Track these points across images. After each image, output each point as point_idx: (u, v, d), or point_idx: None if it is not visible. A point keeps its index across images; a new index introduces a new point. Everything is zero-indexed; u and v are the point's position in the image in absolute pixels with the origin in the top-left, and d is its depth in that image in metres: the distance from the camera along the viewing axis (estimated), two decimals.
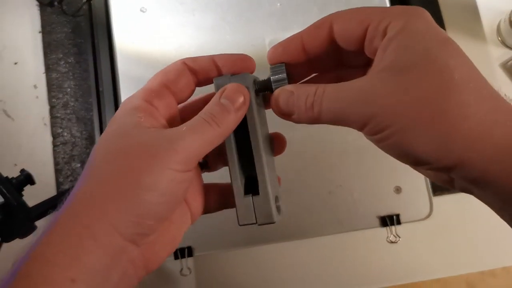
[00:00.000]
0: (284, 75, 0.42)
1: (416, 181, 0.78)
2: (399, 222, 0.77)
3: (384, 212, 0.77)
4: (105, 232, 0.34)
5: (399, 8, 0.38)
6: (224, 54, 0.44)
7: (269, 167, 0.43)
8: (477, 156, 0.33)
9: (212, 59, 0.44)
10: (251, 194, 0.43)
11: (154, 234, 0.38)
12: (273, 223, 0.43)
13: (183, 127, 0.38)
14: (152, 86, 0.42)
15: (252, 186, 0.43)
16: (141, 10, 0.84)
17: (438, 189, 0.85)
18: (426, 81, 0.34)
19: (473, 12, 0.94)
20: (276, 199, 0.44)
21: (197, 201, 0.45)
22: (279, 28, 0.84)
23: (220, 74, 0.44)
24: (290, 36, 0.43)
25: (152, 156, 0.36)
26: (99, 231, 0.34)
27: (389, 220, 0.77)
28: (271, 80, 0.43)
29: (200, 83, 0.45)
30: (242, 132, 0.43)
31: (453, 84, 0.34)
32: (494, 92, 0.35)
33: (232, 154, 0.43)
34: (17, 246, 0.66)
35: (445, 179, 0.39)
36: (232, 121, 0.40)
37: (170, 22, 0.84)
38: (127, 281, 0.38)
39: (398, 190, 0.78)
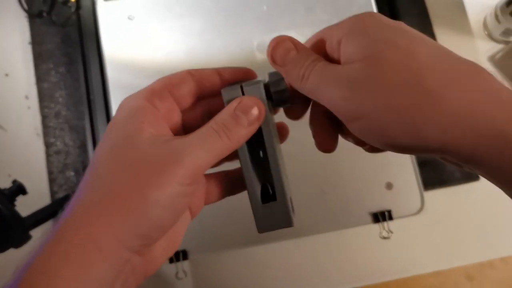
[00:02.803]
0: (283, 85, 0.42)
1: (407, 177, 0.78)
2: (391, 218, 0.77)
3: (376, 209, 0.78)
4: (110, 245, 0.34)
5: (350, 18, 0.39)
6: (228, 67, 0.44)
7: (284, 170, 0.43)
8: (459, 138, 0.33)
9: (217, 71, 0.43)
10: (268, 201, 0.42)
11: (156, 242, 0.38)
12: (292, 226, 0.42)
13: (191, 138, 0.38)
14: (154, 86, 0.41)
15: (267, 191, 0.43)
16: (128, 18, 0.84)
17: (429, 183, 0.85)
18: (390, 67, 0.34)
19: (459, 7, 0.95)
20: (290, 200, 0.43)
21: (197, 199, 0.44)
22: (266, 30, 0.84)
23: (223, 86, 0.43)
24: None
25: (159, 171, 0.35)
26: (105, 245, 0.33)
27: (381, 216, 0.77)
28: (271, 91, 0.42)
29: (203, 94, 0.44)
30: (254, 137, 0.41)
31: (419, 69, 0.34)
32: (468, 70, 0.35)
33: (246, 162, 0.42)
34: (12, 256, 0.66)
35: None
36: (243, 135, 0.39)
37: (158, 29, 0.85)
38: None
39: (389, 186, 0.78)
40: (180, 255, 0.76)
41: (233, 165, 0.45)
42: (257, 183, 0.42)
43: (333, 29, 0.40)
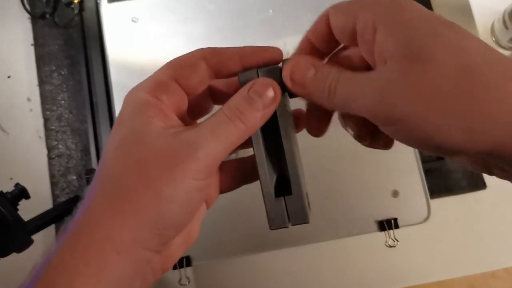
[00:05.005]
0: None
1: (413, 185, 0.78)
2: (397, 226, 0.76)
3: (381, 217, 0.77)
4: (128, 245, 0.33)
5: (384, 0, 0.36)
6: (249, 46, 0.40)
7: (300, 164, 0.40)
8: None
9: (236, 52, 0.40)
10: (282, 194, 0.39)
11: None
12: (307, 223, 0.39)
13: (203, 128, 0.36)
14: (160, 78, 0.38)
15: (281, 184, 0.40)
16: (132, 20, 0.84)
17: (435, 191, 0.85)
18: (442, 66, 0.31)
19: (467, 13, 0.95)
20: (306, 195, 0.40)
21: (212, 189, 0.42)
22: (271, 35, 0.84)
23: (244, 68, 0.40)
24: (300, 41, 0.42)
25: (172, 166, 0.34)
26: (122, 245, 0.33)
27: (387, 224, 0.76)
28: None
29: (219, 77, 0.41)
30: (269, 125, 0.39)
31: (474, 66, 0.31)
32: None
33: (260, 151, 0.39)
34: (14, 260, 0.66)
35: (483, 165, 0.36)
36: (259, 119, 0.37)
37: (162, 32, 0.84)
38: (146, 286, 0.37)
39: (395, 193, 0.77)
40: (183, 262, 0.75)
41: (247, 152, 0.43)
42: (271, 175, 0.40)
43: (363, 7, 0.36)
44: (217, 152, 0.35)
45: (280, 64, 0.40)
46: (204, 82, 0.40)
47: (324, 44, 0.41)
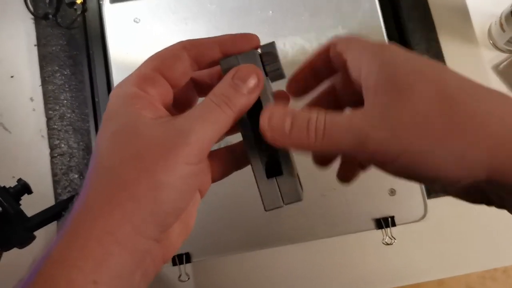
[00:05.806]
0: (276, 54, 0.42)
1: (410, 183, 0.78)
2: (394, 224, 0.77)
3: (379, 214, 0.77)
4: (128, 236, 0.33)
5: (372, 45, 0.38)
6: (227, 34, 0.42)
7: None
8: (508, 164, 0.31)
9: (215, 41, 0.41)
10: (273, 176, 0.41)
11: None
12: (300, 201, 0.41)
13: (192, 115, 0.37)
14: (144, 71, 0.40)
15: (272, 166, 0.41)
16: (134, 21, 0.85)
17: (432, 191, 0.85)
18: (423, 95, 0.33)
19: (464, 16, 0.95)
20: (297, 175, 0.42)
21: (205, 177, 0.43)
22: (271, 35, 0.85)
23: (224, 56, 0.41)
24: (306, 59, 0.45)
25: (165, 153, 0.35)
26: (122, 236, 0.33)
27: (384, 222, 0.77)
28: (264, 63, 0.41)
29: (201, 67, 0.42)
30: (254, 110, 0.40)
31: (455, 94, 0.33)
32: (498, 94, 0.34)
33: (249, 135, 0.41)
34: (15, 257, 0.66)
35: (480, 196, 0.37)
36: (245, 103, 0.39)
37: (163, 32, 0.85)
38: (147, 278, 0.37)
39: (392, 192, 0.78)
40: (183, 258, 0.76)
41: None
42: (262, 157, 0.41)
43: (352, 48, 0.39)
44: (208, 136, 0.37)
45: (259, 50, 0.42)
46: (187, 73, 0.42)
47: (324, 67, 0.44)
